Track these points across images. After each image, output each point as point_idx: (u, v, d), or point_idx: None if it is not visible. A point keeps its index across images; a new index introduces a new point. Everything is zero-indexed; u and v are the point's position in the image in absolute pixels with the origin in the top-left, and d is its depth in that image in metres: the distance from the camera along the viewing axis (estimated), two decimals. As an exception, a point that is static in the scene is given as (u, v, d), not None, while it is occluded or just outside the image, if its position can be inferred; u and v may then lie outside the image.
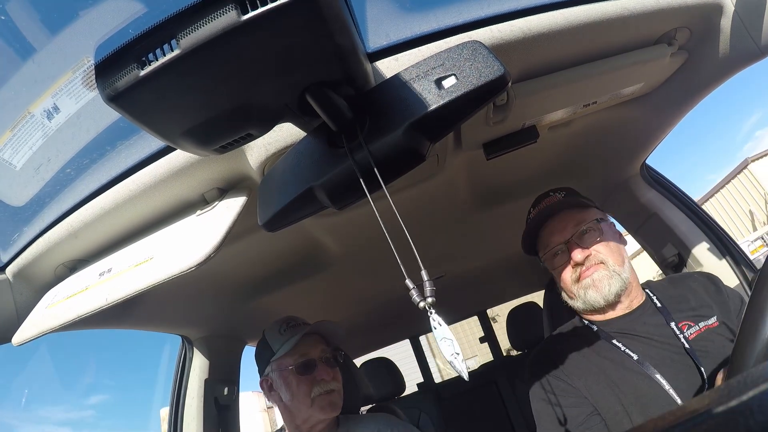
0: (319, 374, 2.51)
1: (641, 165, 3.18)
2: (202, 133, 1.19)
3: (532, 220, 2.42)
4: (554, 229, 2.35)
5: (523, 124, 2.26)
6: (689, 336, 2.10)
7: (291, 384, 2.52)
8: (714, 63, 2.16)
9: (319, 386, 2.49)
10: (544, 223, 2.39)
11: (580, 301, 2.27)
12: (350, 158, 1.25)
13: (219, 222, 1.69)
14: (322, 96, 1.15)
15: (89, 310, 1.66)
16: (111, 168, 1.85)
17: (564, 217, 2.35)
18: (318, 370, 2.52)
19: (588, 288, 2.22)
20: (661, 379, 2.00)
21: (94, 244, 2.06)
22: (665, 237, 3.22)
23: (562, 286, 2.36)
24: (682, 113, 2.55)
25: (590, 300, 2.22)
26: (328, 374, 2.54)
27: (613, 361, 2.14)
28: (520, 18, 1.73)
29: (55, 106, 1.58)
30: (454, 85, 1.18)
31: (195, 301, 2.91)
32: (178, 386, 3.22)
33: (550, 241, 2.35)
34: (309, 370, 2.52)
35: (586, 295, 2.23)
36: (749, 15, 1.90)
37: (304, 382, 2.50)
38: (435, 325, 1.16)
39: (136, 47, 0.97)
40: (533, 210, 2.47)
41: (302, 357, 2.54)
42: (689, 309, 2.21)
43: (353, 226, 2.63)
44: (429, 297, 1.15)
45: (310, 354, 2.56)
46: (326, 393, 2.50)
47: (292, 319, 2.69)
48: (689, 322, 2.15)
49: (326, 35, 0.98)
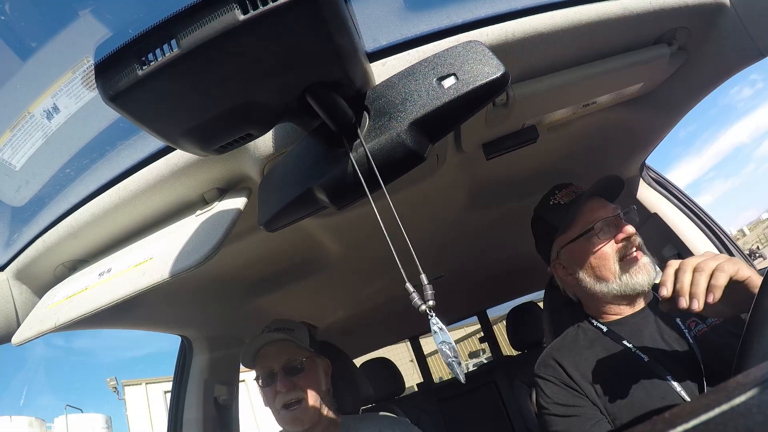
0: (278, 386, 2.51)
1: (641, 165, 3.18)
2: (202, 133, 1.19)
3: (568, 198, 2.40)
4: (596, 206, 2.32)
5: (523, 124, 2.26)
6: (697, 333, 2.10)
7: (264, 395, 2.57)
8: (714, 63, 2.16)
9: (280, 397, 2.50)
10: (586, 202, 2.34)
11: (620, 285, 2.21)
12: (350, 158, 1.25)
13: (219, 222, 1.69)
14: (322, 96, 1.15)
15: (89, 310, 1.66)
16: (111, 168, 1.85)
17: (602, 201, 2.35)
18: (277, 382, 2.52)
19: (637, 272, 2.18)
20: (671, 380, 1.98)
21: (94, 244, 2.06)
22: (665, 237, 3.22)
23: (599, 264, 2.28)
24: (681, 113, 2.55)
25: (637, 282, 2.17)
26: (285, 385, 2.51)
27: (625, 363, 2.12)
28: (520, 18, 1.73)
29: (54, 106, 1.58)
30: (454, 84, 1.18)
31: (195, 301, 2.91)
32: (177, 386, 3.22)
33: (594, 216, 2.29)
34: (269, 382, 2.53)
35: (633, 279, 2.18)
36: (749, 15, 1.90)
37: (269, 395, 2.52)
38: (435, 329, 1.16)
39: (136, 47, 0.97)
40: (559, 193, 2.45)
41: (262, 369, 2.56)
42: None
43: (353, 226, 2.63)
44: (429, 300, 1.15)
45: (271, 365, 2.56)
46: (286, 407, 2.49)
47: (267, 326, 2.70)
48: (696, 319, 2.15)
49: (326, 35, 0.97)
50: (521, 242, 3.82)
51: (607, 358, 2.17)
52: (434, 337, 1.17)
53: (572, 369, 2.21)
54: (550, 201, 2.47)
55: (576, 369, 2.20)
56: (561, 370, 2.23)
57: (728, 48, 2.05)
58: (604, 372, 2.14)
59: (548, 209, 2.47)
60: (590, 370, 2.17)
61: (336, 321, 4.29)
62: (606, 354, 2.19)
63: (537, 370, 2.38)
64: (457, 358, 1.16)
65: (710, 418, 0.53)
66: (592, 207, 2.33)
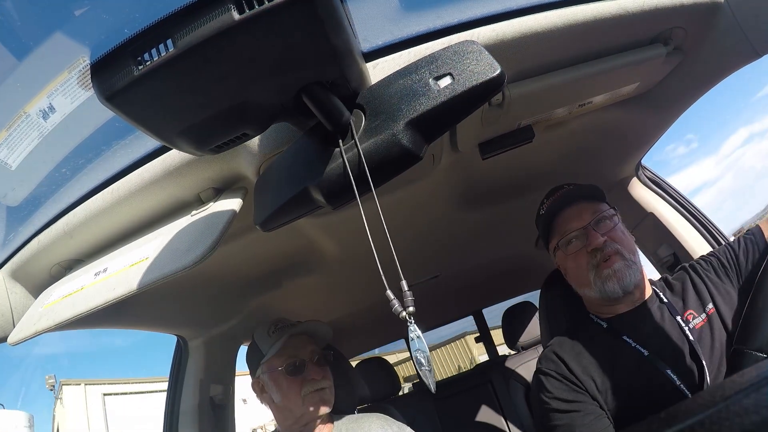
0: (309, 374, 2.52)
1: (637, 165, 3.19)
2: (198, 133, 1.19)
3: (549, 207, 2.42)
4: (570, 216, 2.35)
5: (519, 124, 2.26)
6: (696, 326, 2.13)
7: (282, 385, 2.52)
8: (710, 63, 2.17)
9: (310, 385, 2.49)
10: (560, 212, 2.39)
11: (596, 291, 2.26)
12: (343, 159, 1.25)
13: (214, 222, 1.68)
14: (318, 96, 1.15)
15: (85, 309, 1.66)
16: (107, 168, 1.85)
17: (580, 206, 2.36)
18: (307, 370, 2.53)
19: (608, 279, 2.21)
20: (671, 374, 2.01)
21: (90, 243, 2.06)
22: (661, 237, 3.23)
23: (576, 273, 2.35)
24: (677, 113, 2.55)
25: (608, 291, 2.21)
26: (318, 374, 2.54)
27: (625, 358, 2.15)
28: (516, 18, 1.73)
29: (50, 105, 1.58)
30: (449, 84, 1.19)
31: (191, 301, 2.91)
32: (173, 386, 3.21)
33: (566, 227, 2.34)
34: (299, 371, 2.52)
35: (605, 286, 2.21)
36: (745, 15, 1.91)
37: (295, 383, 2.50)
38: (413, 336, 1.17)
39: (132, 47, 0.97)
40: (547, 201, 2.48)
41: (291, 358, 2.54)
42: (691, 299, 2.23)
43: (349, 226, 2.62)
44: (410, 307, 1.15)
45: (299, 354, 2.56)
46: (316, 391, 2.50)
47: (281, 320, 2.70)
48: (693, 312, 2.17)
49: (322, 35, 0.98)
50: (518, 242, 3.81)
51: (607, 352, 2.20)
52: (411, 344, 1.18)
53: (574, 364, 2.23)
54: (540, 209, 2.51)
55: (578, 364, 2.23)
56: (562, 364, 2.25)
57: (724, 48, 2.05)
58: (605, 366, 2.16)
59: (538, 218, 2.52)
60: (591, 365, 2.20)
61: (332, 320, 4.28)
62: (606, 349, 2.22)
63: (539, 364, 2.40)
64: (430, 367, 1.17)
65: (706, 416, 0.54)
66: (565, 218, 2.37)
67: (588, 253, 2.26)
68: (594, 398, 2.12)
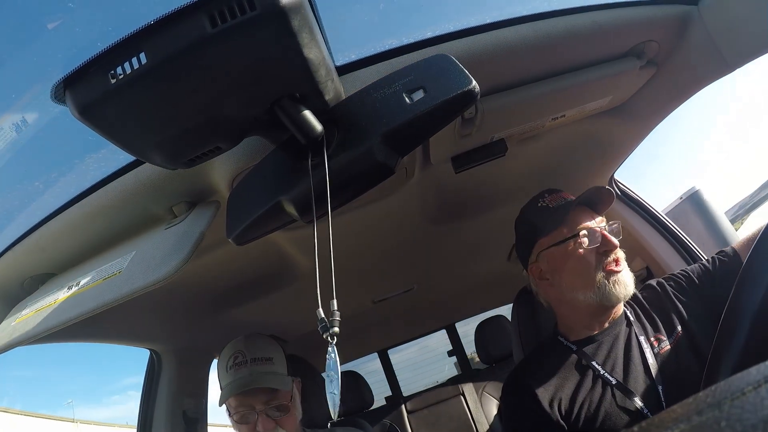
0: (259, 426, 2.43)
1: (610, 178, 3.21)
2: (171, 146, 1.19)
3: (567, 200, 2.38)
4: (583, 215, 2.32)
5: (492, 138, 2.27)
6: (660, 350, 2.13)
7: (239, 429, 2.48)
8: (683, 76, 2.19)
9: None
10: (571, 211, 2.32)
11: (597, 294, 2.20)
12: (310, 174, 1.25)
13: (187, 235, 1.68)
14: (290, 109, 1.15)
15: (57, 324, 1.65)
16: (80, 181, 1.84)
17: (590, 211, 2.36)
18: (258, 423, 2.44)
19: (616, 283, 2.18)
20: (638, 401, 2.01)
21: (63, 257, 2.04)
22: (633, 251, 3.24)
23: (580, 272, 2.27)
24: (650, 126, 2.57)
25: (614, 293, 2.17)
26: (267, 426, 2.43)
27: (593, 385, 2.15)
28: (489, 31, 1.74)
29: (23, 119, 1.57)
30: (423, 98, 1.19)
31: (164, 314, 2.89)
32: (146, 400, 3.20)
33: (580, 223, 2.29)
34: (248, 419, 2.45)
35: (614, 288, 2.17)
36: (717, 28, 1.93)
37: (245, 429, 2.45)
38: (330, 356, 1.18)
39: (105, 60, 0.97)
40: (548, 197, 2.43)
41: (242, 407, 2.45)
42: (659, 321, 2.24)
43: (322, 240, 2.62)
44: (334, 327, 1.18)
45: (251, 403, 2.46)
46: None
47: (240, 352, 2.56)
48: (661, 336, 2.18)
49: (295, 48, 0.98)
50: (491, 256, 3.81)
51: (575, 380, 2.19)
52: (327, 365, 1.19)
53: (541, 390, 2.20)
54: (539, 203, 2.44)
55: (545, 390, 2.20)
56: (529, 395, 2.22)
57: (697, 61, 2.08)
58: (572, 394, 2.16)
59: (535, 210, 2.45)
60: (558, 393, 2.18)
61: (305, 334, 4.26)
62: (574, 375, 2.21)
63: (504, 392, 2.40)
64: (338, 393, 1.16)
65: None
66: (579, 214, 2.32)
67: (599, 254, 2.23)
68: (559, 427, 2.12)
